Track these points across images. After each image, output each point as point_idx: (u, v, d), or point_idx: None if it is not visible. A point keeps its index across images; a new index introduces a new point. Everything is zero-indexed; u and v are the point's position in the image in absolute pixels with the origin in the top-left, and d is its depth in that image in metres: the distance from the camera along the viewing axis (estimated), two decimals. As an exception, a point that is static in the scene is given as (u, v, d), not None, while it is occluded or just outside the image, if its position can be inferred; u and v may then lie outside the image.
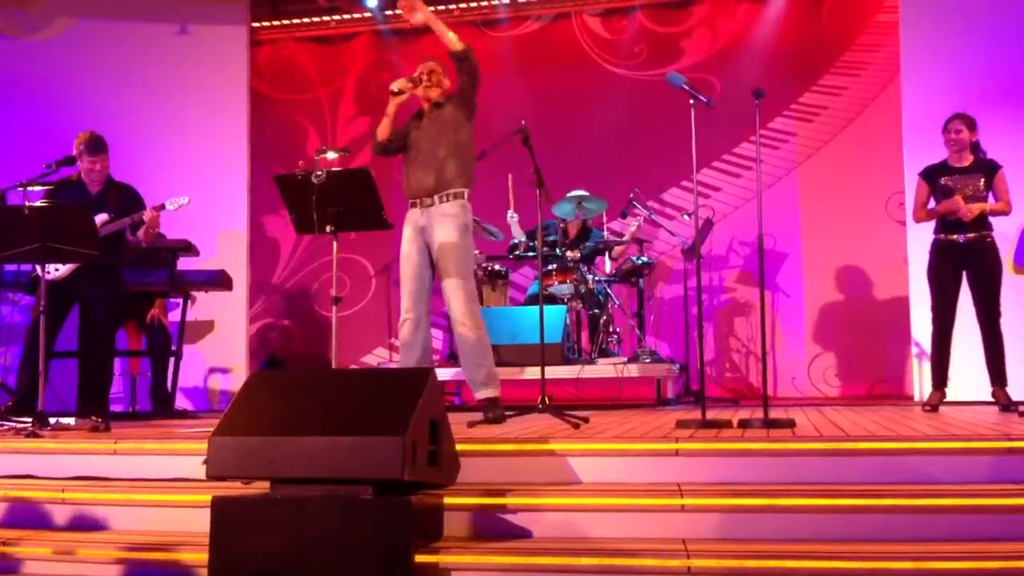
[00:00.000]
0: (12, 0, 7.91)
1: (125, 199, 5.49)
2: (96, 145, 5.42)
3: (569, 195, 6.98)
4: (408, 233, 4.88)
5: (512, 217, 7.14)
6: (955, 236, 5.34)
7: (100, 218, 5.28)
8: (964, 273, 5.35)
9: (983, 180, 5.33)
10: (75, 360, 5.59)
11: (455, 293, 4.73)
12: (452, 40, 4.76)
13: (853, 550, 2.87)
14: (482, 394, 4.74)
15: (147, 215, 5.37)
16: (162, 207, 5.46)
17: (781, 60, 8.35)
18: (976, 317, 5.32)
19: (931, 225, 5.52)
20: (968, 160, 5.41)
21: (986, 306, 5.27)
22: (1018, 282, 6.27)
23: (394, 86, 4.82)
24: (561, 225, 7.27)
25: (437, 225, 4.76)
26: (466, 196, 4.83)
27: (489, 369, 4.76)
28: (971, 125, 5.39)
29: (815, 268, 8.14)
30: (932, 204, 5.47)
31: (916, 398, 6.72)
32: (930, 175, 5.49)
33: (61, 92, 7.68)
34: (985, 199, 5.32)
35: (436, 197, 4.78)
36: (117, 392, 6.90)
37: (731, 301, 8.32)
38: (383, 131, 4.94)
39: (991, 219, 5.34)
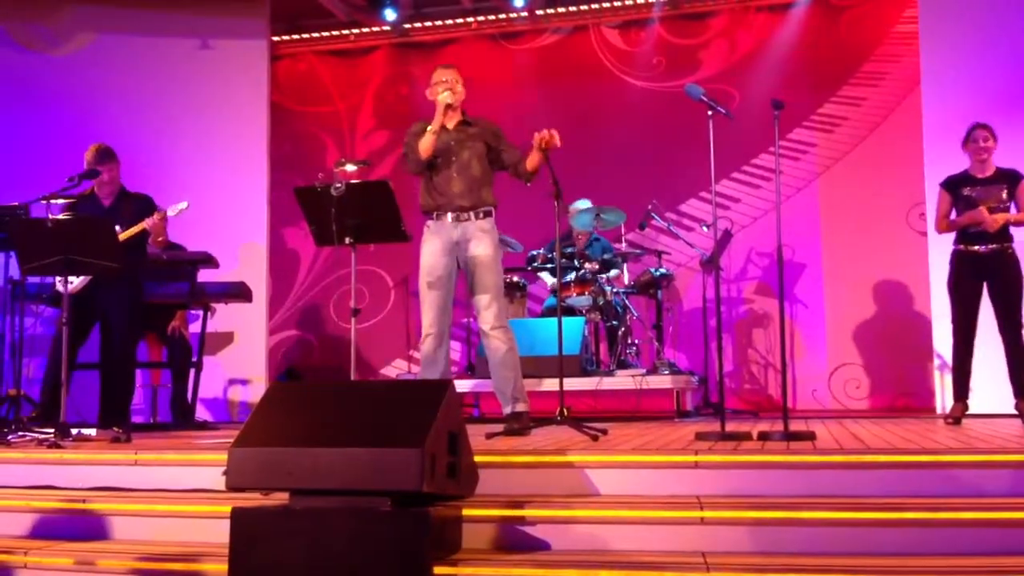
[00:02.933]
0: (34, 15, 8.00)
1: (138, 208, 5.53)
2: (105, 154, 5.51)
3: (572, 205, 7.01)
4: (437, 246, 4.81)
5: None
6: (976, 247, 5.29)
7: None
8: (985, 284, 5.31)
9: (1006, 191, 5.29)
10: (97, 372, 5.63)
11: (489, 307, 4.74)
12: (529, 171, 4.81)
13: (874, 564, 2.85)
14: (511, 408, 4.74)
15: (149, 223, 5.42)
16: (164, 215, 5.50)
17: (800, 71, 8.34)
18: (998, 329, 5.27)
19: (952, 236, 5.48)
20: (991, 170, 5.37)
21: (1008, 317, 5.22)
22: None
23: (448, 99, 4.72)
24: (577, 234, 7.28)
25: (474, 240, 4.76)
26: (494, 213, 4.86)
27: (518, 383, 4.77)
28: (994, 134, 5.35)
29: (835, 279, 8.09)
30: (954, 215, 5.43)
31: (939, 411, 6.66)
32: (952, 185, 5.44)
33: (82, 106, 7.76)
34: (1007, 210, 5.27)
35: (472, 213, 4.78)
36: (138, 403, 6.94)
37: (750, 312, 8.28)
38: (430, 148, 4.74)
39: (1012, 230, 5.29)
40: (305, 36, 9.34)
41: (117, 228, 5.39)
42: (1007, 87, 6.63)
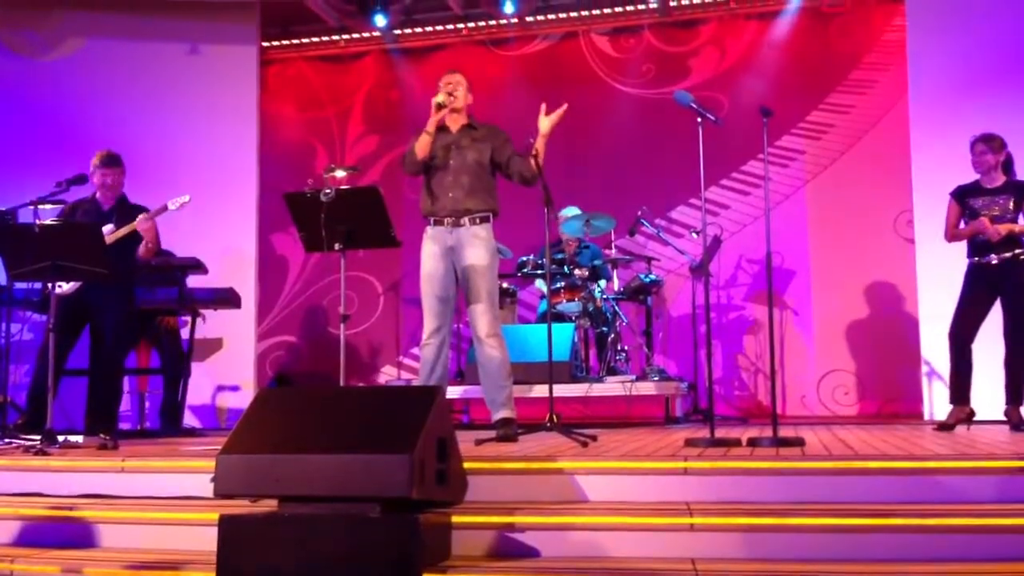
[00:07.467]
0: (24, 21, 7.98)
1: (133, 215, 5.51)
2: (110, 159, 5.56)
3: (561, 213, 7.01)
4: (434, 252, 4.81)
5: None
6: (987, 258, 5.25)
7: (106, 228, 5.30)
8: (998, 295, 5.27)
9: (1013, 201, 5.26)
10: (84, 378, 5.61)
11: (484, 315, 4.73)
12: (534, 167, 4.69)
13: (863, 570, 2.86)
14: (500, 414, 4.74)
15: (139, 224, 5.39)
16: (164, 208, 5.48)
17: (789, 78, 8.37)
18: (1003, 334, 5.22)
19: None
20: (1000, 180, 5.33)
21: (1017, 324, 5.18)
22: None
23: (440, 99, 4.71)
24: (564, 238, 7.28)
25: (468, 247, 4.75)
26: (491, 219, 4.85)
27: (510, 390, 4.78)
28: (996, 147, 5.29)
29: (824, 286, 8.12)
30: (963, 225, 5.41)
31: (926, 416, 6.68)
32: (961, 195, 5.41)
33: (72, 112, 7.75)
34: (1015, 220, 5.25)
35: (467, 219, 4.77)
36: (125, 410, 6.91)
37: (740, 319, 8.30)
38: (424, 149, 4.76)
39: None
40: (295, 42, 9.33)
41: (111, 227, 5.38)
42: (994, 96, 6.65)
